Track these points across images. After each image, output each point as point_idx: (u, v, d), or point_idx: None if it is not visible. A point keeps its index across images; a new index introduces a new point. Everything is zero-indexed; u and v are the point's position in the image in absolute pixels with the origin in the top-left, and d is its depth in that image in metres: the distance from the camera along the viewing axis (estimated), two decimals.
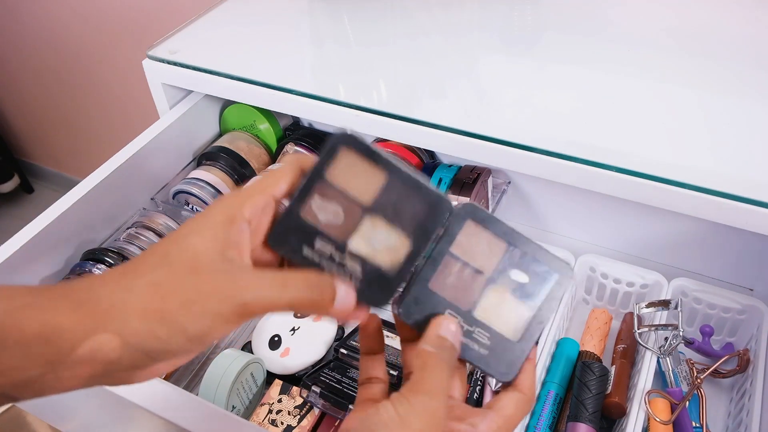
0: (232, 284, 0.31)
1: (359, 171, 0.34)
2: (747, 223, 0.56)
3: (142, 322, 0.30)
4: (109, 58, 1.63)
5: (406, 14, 0.88)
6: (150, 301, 0.30)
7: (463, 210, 0.36)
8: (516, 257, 0.37)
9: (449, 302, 0.35)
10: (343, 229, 0.34)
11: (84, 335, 0.29)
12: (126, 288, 0.31)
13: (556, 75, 0.73)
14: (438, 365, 0.33)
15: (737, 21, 0.79)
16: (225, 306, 0.30)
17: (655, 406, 0.59)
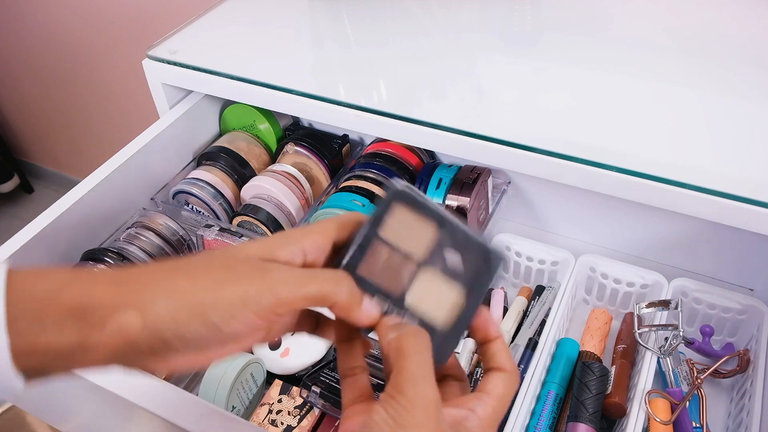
0: (261, 277, 0.32)
1: (412, 225, 0.35)
2: (747, 223, 0.56)
3: (166, 301, 0.31)
4: (109, 58, 1.63)
5: (406, 14, 0.88)
6: (180, 284, 0.31)
7: (392, 193, 0.35)
8: (447, 241, 0.35)
9: (378, 287, 0.34)
10: (400, 284, 0.34)
11: (113, 310, 0.30)
12: (164, 272, 0.32)
13: (556, 75, 0.73)
14: (410, 349, 0.32)
15: (737, 21, 0.79)
16: (252, 292, 0.31)
17: (655, 406, 0.59)
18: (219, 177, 0.85)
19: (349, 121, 0.72)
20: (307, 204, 0.83)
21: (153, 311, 0.30)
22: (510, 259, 0.78)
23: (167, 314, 0.30)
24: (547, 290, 0.73)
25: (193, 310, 0.31)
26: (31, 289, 0.30)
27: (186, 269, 0.32)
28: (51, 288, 0.30)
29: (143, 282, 0.31)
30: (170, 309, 0.31)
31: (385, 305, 0.34)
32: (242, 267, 0.32)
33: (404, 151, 0.83)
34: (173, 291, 0.31)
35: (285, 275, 0.32)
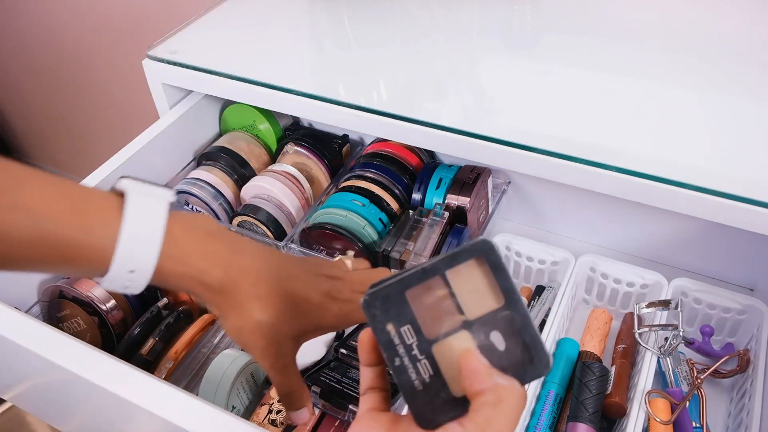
0: (282, 351, 0.43)
1: (480, 285, 0.33)
2: (747, 223, 0.56)
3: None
4: (109, 58, 1.63)
5: (406, 14, 0.88)
6: (214, 268, 0.40)
7: (478, 245, 0.32)
8: (504, 321, 0.32)
9: (414, 319, 0.32)
10: (435, 330, 0.32)
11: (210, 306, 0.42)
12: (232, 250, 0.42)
13: (556, 75, 0.73)
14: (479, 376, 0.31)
15: (738, 21, 0.79)
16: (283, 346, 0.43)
17: (655, 406, 0.59)
18: (219, 177, 0.85)
19: (349, 121, 0.72)
20: (307, 204, 0.83)
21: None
22: (510, 259, 0.78)
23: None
24: (547, 290, 0.73)
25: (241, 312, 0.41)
26: (169, 268, 0.39)
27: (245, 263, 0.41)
28: (183, 273, 0.39)
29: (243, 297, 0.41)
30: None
31: (409, 341, 0.33)
32: (287, 339, 0.43)
33: (404, 151, 0.83)
34: (205, 258, 0.40)
35: (294, 368, 0.44)
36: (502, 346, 0.32)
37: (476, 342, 0.32)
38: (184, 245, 0.39)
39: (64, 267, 0.37)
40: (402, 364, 0.32)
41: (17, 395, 0.74)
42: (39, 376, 0.64)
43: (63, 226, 0.36)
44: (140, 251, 0.37)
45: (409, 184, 0.80)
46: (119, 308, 0.69)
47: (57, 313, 0.70)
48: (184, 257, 0.39)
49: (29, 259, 0.36)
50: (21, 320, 0.59)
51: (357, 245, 0.72)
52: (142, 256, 0.37)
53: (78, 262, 0.36)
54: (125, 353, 0.65)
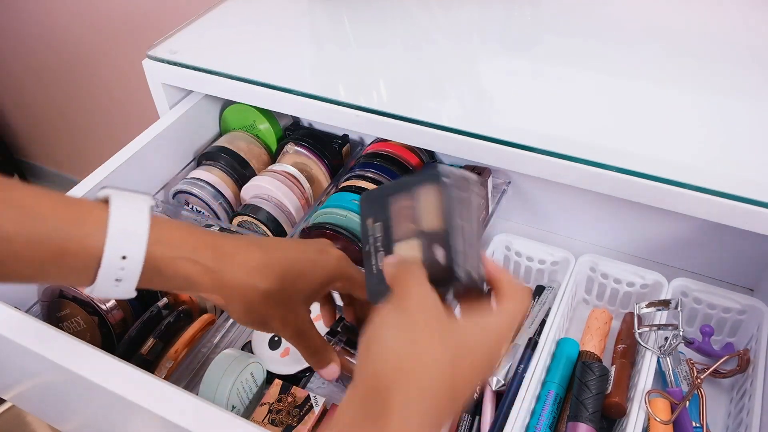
0: (297, 319, 0.46)
1: (435, 204, 0.40)
2: (747, 223, 0.56)
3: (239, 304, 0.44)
4: (109, 58, 1.63)
5: (406, 14, 0.88)
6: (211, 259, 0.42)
7: (432, 175, 0.40)
8: (442, 239, 0.39)
9: (387, 219, 0.41)
10: (398, 232, 0.41)
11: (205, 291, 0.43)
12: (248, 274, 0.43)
13: (556, 75, 0.73)
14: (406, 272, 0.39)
15: (738, 21, 0.79)
16: (289, 318, 0.45)
17: (655, 406, 0.59)
18: (219, 177, 0.85)
19: (349, 121, 0.72)
20: (307, 204, 0.83)
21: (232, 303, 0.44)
22: (510, 259, 0.78)
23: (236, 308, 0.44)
24: (547, 290, 0.73)
25: (252, 301, 0.43)
26: (161, 253, 0.40)
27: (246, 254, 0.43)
28: (176, 256, 0.41)
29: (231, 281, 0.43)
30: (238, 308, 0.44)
31: (378, 234, 0.42)
32: (295, 306, 0.45)
33: (404, 151, 0.83)
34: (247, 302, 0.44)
35: (313, 333, 0.47)
36: (442, 260, 0.39)
37: (422, 250, 0.39)
38: (171, 231, 0.41)
39: (54, 266, 0.37)
40: (368, 250, 0.42)
41: (17, 395, 0.74)
42: (39, 376, 0.64)
43: (54, 220, 0.37)
44: (130, 236, 0.38)
45: None
46: (119, 308, 0.69)
47: (57, 313, 0.70)
48: (173, 241, 0.40)
49: (19, 258, 0.36)
50: (21, 320, 0.59)
51: (357, 245, 0.72)
52: (133, 242, 0.38)
53: (69, 257, 0.37)
54: (125, 353, 0.65)
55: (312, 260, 0.46)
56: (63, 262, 0.37)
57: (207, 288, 0.42)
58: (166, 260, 0.40)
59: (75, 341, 0.56)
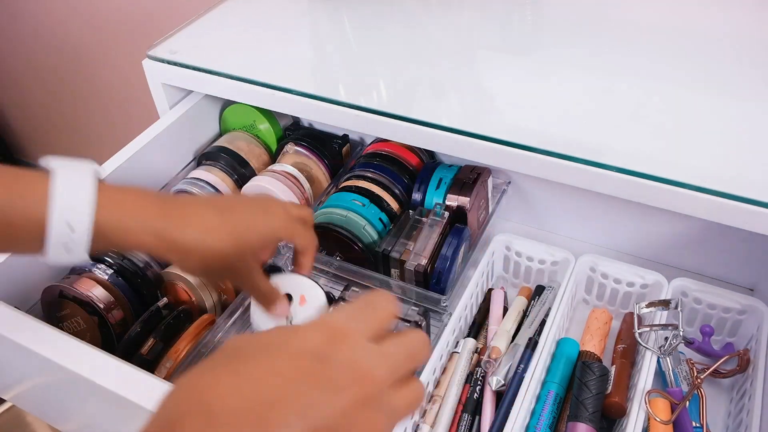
0: (250, 271, 0.49)
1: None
2: (747, 223, 0.56)
3: (194, 231, 0.45)
4: (109, 58, 1.63)
5: (406, 14, 0.88)
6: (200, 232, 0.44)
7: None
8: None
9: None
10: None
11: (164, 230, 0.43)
12: (200, 218, 0.45)
13: (556, 75, 0.73)
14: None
15: (738, 21, 0.79)
16: (241, 268, 0.48)
17: (655, 406, 0.59)
18: (219, 177, 0.85)
19: (349, 121, 0.72)
20: (307, 204, 0.83)
21: (181, 238, 0.44)
22: (510, 259, 0.78)
23: (191, 241, 0.44)
24: (547, 290, 0.73)
25: (203, 256, 0.45)
26: (110, 221, 0.40)
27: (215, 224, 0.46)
28: (128, 228, 0.41)
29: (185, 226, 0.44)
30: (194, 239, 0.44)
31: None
32: (245, 256, 0.48)
33: (404, 151, 0.83)
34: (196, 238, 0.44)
35: (262, 280, 0.51)
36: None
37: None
38: (119, 196, 0.41)
39: (1, 238, 0.37)
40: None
41: (17, 395, 0.74)
42: (39, 376, 0.64)
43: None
44: (74, 205, 0.38)
45: (409, 184, 0.80)
46: (119, 308, 0.69)
47: (57, 313, 0.70)
48: (122, 206, 0.40)
49: None
50: (21, 320, 0.59)
51: (357, 245, 0.72)
52: (78, 211, 0.38)
53: (15, 228, 0.37)
54: (125, 353, 0.65)
55: (261, 219, 0.48)
56: (10, 233, 0.37)
57: (161, 251, 0.42)
58: (114, 226, 0.40)
59: (75, 341, 0.56)
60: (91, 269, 0.70)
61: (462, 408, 0.64)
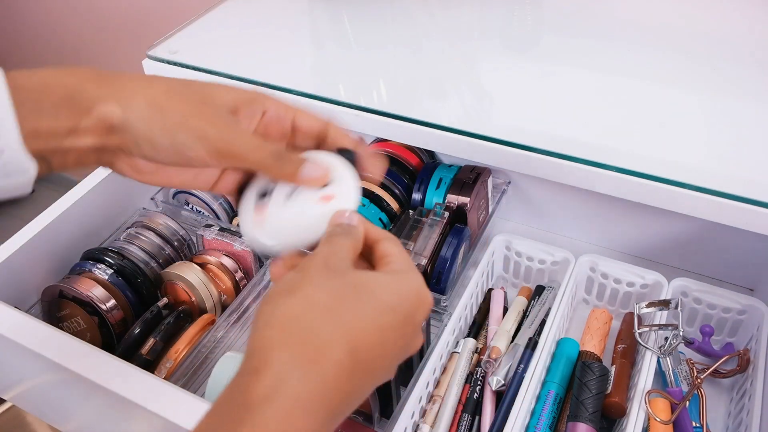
0: (221, 128, 0.37)
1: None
2: (747, 223, 0.56)
3: (144, 106, 0.36)
4: (110, 57, 1.63)
5: (406, 15, 0.88)
6: (160, 98, 0.36)
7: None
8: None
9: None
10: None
11: (99, 100, 0.35)
12: (148, 82, 0.37)
13: (557, 75, 0.73)
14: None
15: (738, 21, 0.79)
16: (208, 138, 0.36)
17: (655, 405, 0.59)
18: None
19: (349, 121, 0.72)
20: None
21: (133, 110, 0.35)
22: (510, 259, 0.78)
23: (143, 118, 0.35)
24: (547, 290, 0.73)
25: (165, 125, 0.36)
26: (27, 82, 0.34)
27: (166, 88, 0.37)
28: (44, 81, 0.35)
29: (127, 85, 0.36)
30: (146, 115, 0.36)
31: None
32: (211, 112, 0.37)
33: (404, 151, 0.83)
34: (152, 102, 0.36)
35: (237, 137, 0.38)
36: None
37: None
38: (39, 94, 0.34)
39: None
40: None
41: (17, 395, 0.74)
42: (39, 376, 0.64)
43: None
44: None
45: (409, 184, 0.80)
46: (119, 308, 0.69)
47: (57, 313, 0.70)
48: (38, 68, 0.35)
49: None
50: (21, 320, 0.59)
51: None
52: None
53: None
54: (125, 353, 0.65)
55: (224, 85, 0.40)
56: None
57: (105, 144, 0.36)
58: (36, 81, 0.34)
59: (75, 341, 0.56)
60: (91, 269, 0.70)
61: (462, 408, 0.64)
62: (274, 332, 0.30)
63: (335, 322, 0.31)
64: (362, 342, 0.31)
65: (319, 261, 0.34)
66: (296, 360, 0.29)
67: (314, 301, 0.31)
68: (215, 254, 0.74)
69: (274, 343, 0.30)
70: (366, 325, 0.31)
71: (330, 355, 0.30)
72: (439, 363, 0.66)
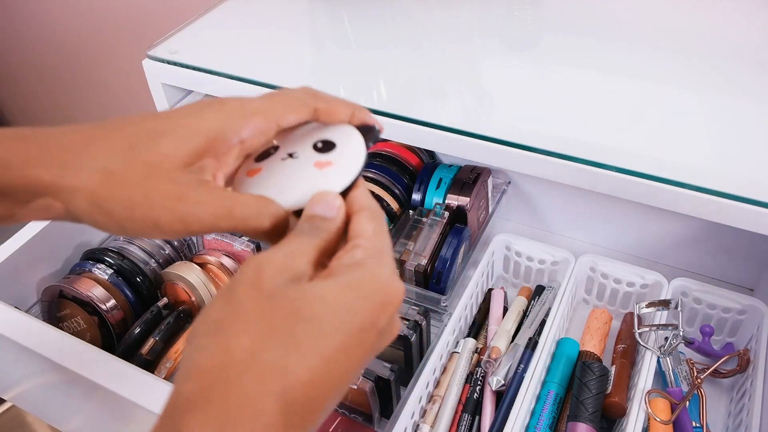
0: (173, 207, 0.30)
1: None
2: (747, 223, 0.56)
3: (84, 202, 0.30)
4: (109, 58, 1.63)
5: (406, 15, 0.88)
6: (98, 186, 0.30)
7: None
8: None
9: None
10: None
11: (34, 195, 0.31)
12: (79, 165, 0.31)
13: (557, 75, 0.73)
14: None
15: (738, 21, 0.79)
16: (161, 226, 0.31)
17: (655, 405, 0.59)
18: None
19: None
20: None
21: (74, 205, 0.31)
22: (510, 259, 0.78)
23: (87, 213, 0.31)
24: (547, 290, 0.73)
25: (111, 221, 0.31)
26: None
27: (105, 164, 0.31)
28: None
29: (61, 174, 0.31)
30: (90, 211, 0.30)
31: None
32: (160, 188, 0.31)
33: (404, 151, 0.83)
34: (91, 194, 0.30)
35: (202, 202, 0.31)
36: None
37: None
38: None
39: None
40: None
41: (17, 395, 0.74)
42: (39, 376, 0.64)
43: None
44: None
45: (409, 184, 0.80)
46: (119, 308, 0.69)
47: (57, 313, 0.70)
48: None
49: None
50: (21, 320, 0.59)
51: None
52: None
53: None
54: (125, 353, 0.65)
55: (180, 121, 0.33)
56: None
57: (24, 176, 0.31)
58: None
59: (75, 341, 0.56)
60: (91, 269, 0.70)
61: (462, 408, 0.64)
62: (191, 386, 0.26)
63: (261, 371, 0.26)
64: (299, 386, 0.26)
65: (252, 279, 0.28)
66: (213, 424, 0.25)
67: (237, 347, 0.26)
68: (215, 254, 0.75)
69: (190, 403, 0.25)
70: (305, 361, 0.26)
71: (256, 415, 0.25)
72: (439, 363, 0.66)
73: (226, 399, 0.25)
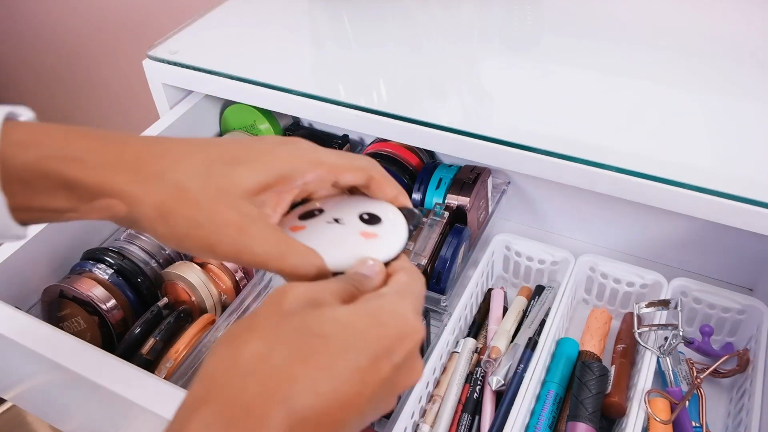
0: (240, 231, 0.32)
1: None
2: (747, 223, 0.56)
3: (151, 210, 0.32)
4: (109, 58, 1.63)
5: (406, 14, 0.88)
6: (168, 198, 0.32)
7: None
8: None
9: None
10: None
11: (101, 194, 0.32)
12: (158, 173, 0.32)
13: (557, 75, 0.73)
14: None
15: (738, 21, 0.79)
16: (215, 251, 0.32)
17: (654, 405, 0.59)
18: None
19: (349, 121, 0.72)
20: None
21: (138, 210, 0.32)
22: (510, 259, 0.78)
23: (149, 219, 0.32)
24: (547, 290, 0.73)
25: (169, 233, 0.32)
26: (23, 157, 0.31)
27: (180, 179, 0.32)
28: (42, 156, 0.31)
29: (132, 178, 0.32)
30: (152, 217, 0.32)
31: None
32: (224, 213, 0.32)
33: (404, 151, 0.83)
34: (158, 205, 0.32)
35: (258, 240, 0.32)
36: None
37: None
38: (33, 128, 0.32)
39: None
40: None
41: (17, 395, 0.74)
42: (39, 376, 0.64)
43: None
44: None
45: (409, 184, 0.80)
46: (119, 308, 0.69)
47: (57, 313, 0.70)
48: (37, 138, 0.32)
49: None
50: (21, 320, 0.59)
51: None
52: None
53: None
54: (125, 353, 0.65)
55: (249, 144, 0.35)
56: None
57: (92, 184, 0.32)
58: (30, 163, 0.31)
59: (75, 341, 0.56)
60: (92, 269, 0.70)
61: (462, 408, 0.64)
62: (198, 387, 0.27)
63: (266, 376, 0.26)
64: (305, 398, 0.26)
65: (274, 301, 0.29)
66: (215, 423, 0.25)
67: (245, 352, 0.27)
68: None
69: (195, 403, 0.26)
70: (312, 374, 0.26)
71: (258, 419, 0.25)
72: (439, 363, 0.66)
73: (228, 400, 0.25)
